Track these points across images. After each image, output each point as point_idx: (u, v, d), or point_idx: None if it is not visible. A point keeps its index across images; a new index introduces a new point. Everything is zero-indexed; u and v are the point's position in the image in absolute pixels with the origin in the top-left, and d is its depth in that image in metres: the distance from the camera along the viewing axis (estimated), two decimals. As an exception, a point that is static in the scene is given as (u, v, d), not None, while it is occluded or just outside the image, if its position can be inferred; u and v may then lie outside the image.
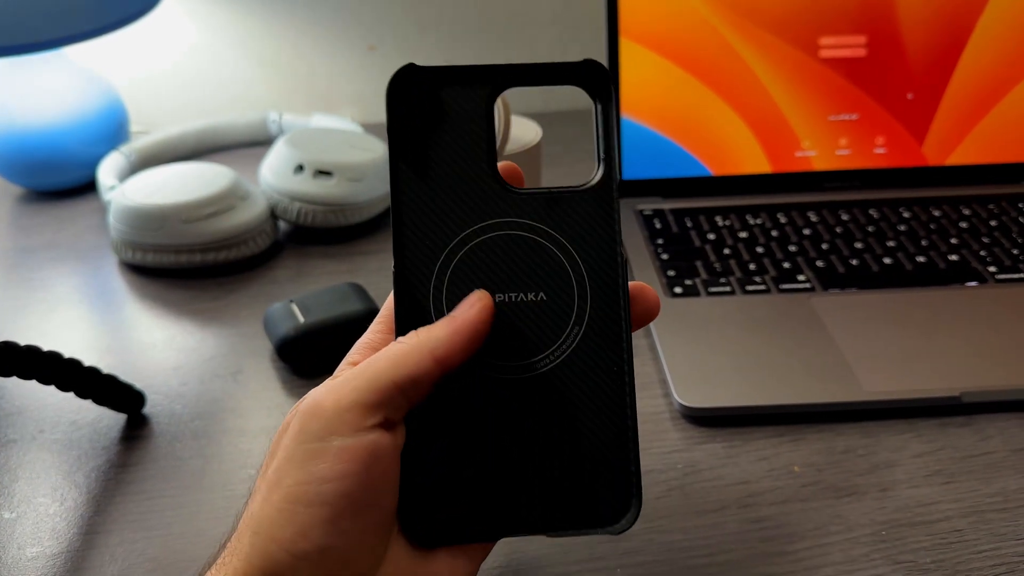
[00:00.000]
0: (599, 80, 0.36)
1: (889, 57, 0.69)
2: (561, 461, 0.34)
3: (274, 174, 0.69)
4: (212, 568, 0.31)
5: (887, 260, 0.62)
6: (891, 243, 0.64)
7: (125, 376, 0.52)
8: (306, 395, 0.32)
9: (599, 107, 0.36)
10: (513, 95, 0.68)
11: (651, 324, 0.56)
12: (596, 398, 0.34)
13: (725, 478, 0.46)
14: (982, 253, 0.62)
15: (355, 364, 0.34)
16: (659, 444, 0.49)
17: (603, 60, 0.67)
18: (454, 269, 0.34)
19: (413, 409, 0.32)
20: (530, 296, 0.34)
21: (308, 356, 0.55)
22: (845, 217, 0.67)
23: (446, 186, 0.34)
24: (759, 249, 0.64)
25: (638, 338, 0.57)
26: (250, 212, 0.67)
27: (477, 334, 0.33)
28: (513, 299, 0.34)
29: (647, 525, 0.43)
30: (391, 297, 0.35)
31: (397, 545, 0.33)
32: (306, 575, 0.29)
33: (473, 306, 0.33)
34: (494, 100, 0.35)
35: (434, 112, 0.35)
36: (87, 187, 0.79)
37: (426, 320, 0.34)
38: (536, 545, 0.43)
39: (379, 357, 0.32)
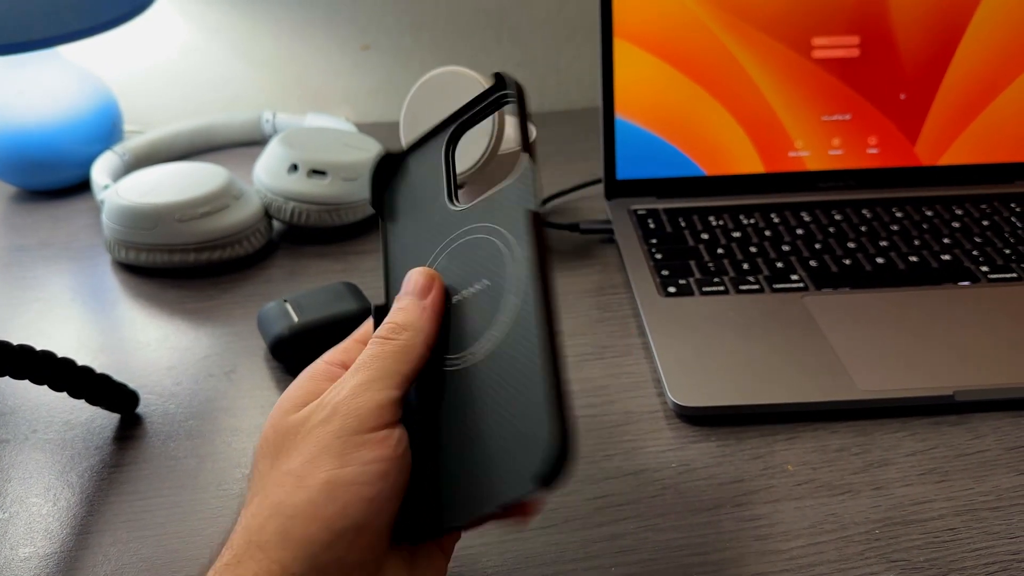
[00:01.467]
0: (510, 84, 0.38)
1: (882, 57, 0.69)
2: (501, 438, 0.33)
3: (268, 173, 0.69)
4: (219, 570, 0.31)
5: (880, 260, 0.62)
6: (884, 243, 0.64)
7: (119, 376, 0.52)
8: (327, 362, 0.36)
9: (517, 110, 0.37)
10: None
11: (645, 323, 0.56)
12: (526, 366, 0.33)
13: (719, 477, 0.46)
14: (974, 253, 0.63)
15: (333, 363, 0.37)
16: (653, 443, 0.49)
17: (597, 61, 0.68)
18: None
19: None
20: (477, 287, 0.36)
21: (302, 355, 0.55)
22: (838, 217, 0.68)
23: (417, 227, 0.40)
24: (752, 248, 0.64)
25: (631, 337, 0.58)
26: (244, 211, 0.67)
27: (441, 309, 0.37)
28: (466, 295, 0.36)
29: (641, 523, 0.44)
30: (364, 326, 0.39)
31: (393, 550, 0.34)
32: (341, 556, 0.30)
33: (430, 287, 0.37)
34: (449, 148, 0.40)
35: (406, 178, 0.42)
36: (81, 186, 0.79)
37: None
38: (531, 544, 0.43)
39: (384, 354, 0.34)
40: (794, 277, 0.60)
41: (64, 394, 0.49)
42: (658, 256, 0.63)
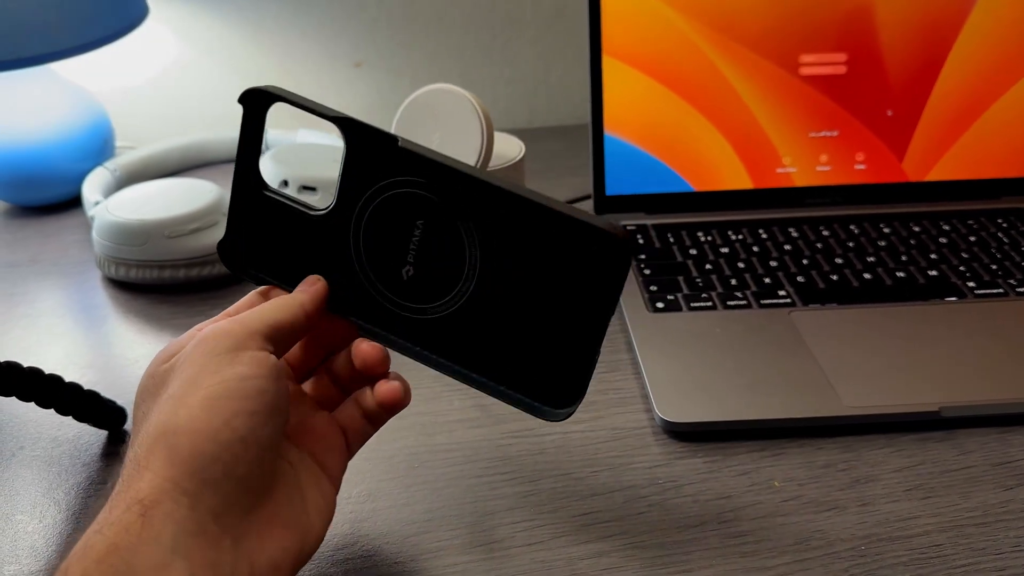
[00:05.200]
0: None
1: (869, 74, 0.70)
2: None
3: (258, 190, 0.69)
4: (108, 509, 0.31)
5: (867, 275, 0.63)
6: (871, 258, 0.65)
7: (107, 392, 0.52)
8: (199, 328, 0.37)
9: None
10: (496, 111, 0.68)
11: (633, 339, 0.56)
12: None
13: (706, 493, 0.46)
14: (961, 268, 0.63)
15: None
16: (640, 459, 0.49)
17: (586, 78, 0.68)
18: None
19: None
20: (416, 234, 0.39)
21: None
22: (825, 233, 0.68)
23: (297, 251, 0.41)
24: (740, 264, 0.64)
25: (619, 353, 0.58)
26: (234, 228, 0.67)
27: (322, 303, 0.39)
28: (412, 258, 0.39)
29: (627, 540, 0.44)
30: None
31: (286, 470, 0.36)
32: (228, 467, 0.32)
33: (315, 283, 0.39)
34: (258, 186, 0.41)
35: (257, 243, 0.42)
36: (71, 202, 0.79)
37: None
38: (517, 561, 0.43)
39: (266, 304, 0.38)
40: (781, 293, 0.61)
41: (52, 411, 0.49)
42: (646, 272, 0.64)
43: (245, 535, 0.33)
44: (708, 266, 0.64)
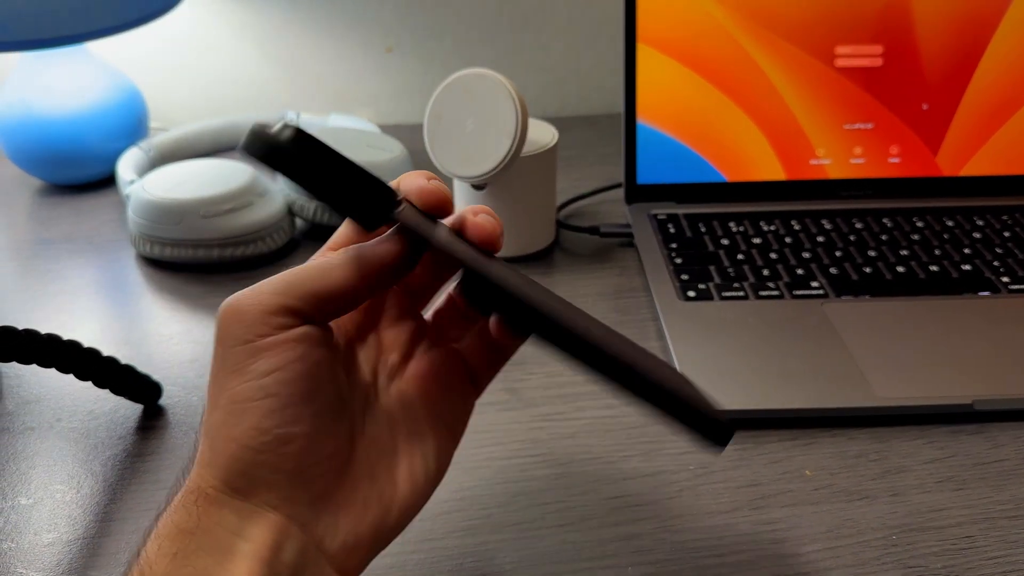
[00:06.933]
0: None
1: (905, 67, 0.69)
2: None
3: (292, 172, 0.70)
4: (177, 496, 0.31)
5: (900, 268, 0.62)
6: (904, 252, 0.64)
7: (142, 367, 0.52)
8: (224, 302, 0.32)
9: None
10: (527, 99, 0.69)
11: (664, 327, 0.56)
12: None
13: (737, 480, 0.47)
14: (995, 263, 0.63)
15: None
16: (671, 445, 0.49)
17: (618, 66, 0.68)
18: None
19: None
20: None
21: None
22: (859, 225, 0.68)
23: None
24: (773, 255, 0.64)
25: (649, 340, 0.58)
26: (268, 209, 0.67)
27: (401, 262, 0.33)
28: None
29: (658, 524, 0.44)
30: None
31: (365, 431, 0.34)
32: (273, 466, 0.30)
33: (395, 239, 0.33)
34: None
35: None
36: (105, 181, 0.80)
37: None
38: (548, 543, 0.43)
39: (306, 266, 0.32)
40: (814, 284, 0.60)
41: (88, 384, 0.50)
42: (678, 260, 0.64)
43: (313, 521, 0.31)
44: (740, 256, 0.64)
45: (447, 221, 0.35)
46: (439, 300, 0.39)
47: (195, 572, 0.29)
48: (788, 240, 0.66)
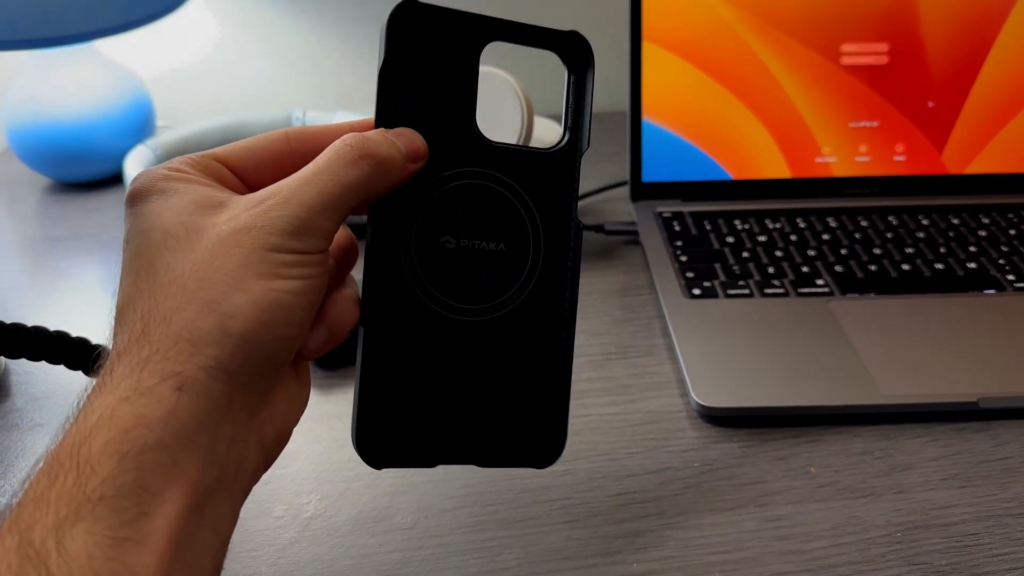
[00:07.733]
0: (579, 53, 0.39)
1: (911, 65, 0.69)
2: (503, 401, 0.37)
3: (298, 169, 0.70)
4: (132, 372, 0.29)
5: (905, 266, 0.62)
6: (910, 249, 0.64)
7: (150, 364, 0.53)
8: (278, 198, 0.32)
9: (572, 78, 0.38)
10: (536, 97, 0.69)
11: (669, 324, 0.57)
12: (539, 348, 0.37)
13: (741, 477, 0.47)
14: (1001, 262, 0.63)
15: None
16: (676, 442, 0.49)
17: (624, 64, 0.68)
18: (428, 207, 0.35)
19: (371, 342, 0.35)
20: (491, 246, 0.36)
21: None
22: (864, 223, 0.68)
23: (428, 126, 0.35)
24: (778, 253, 0.64)
25: (654, 338, 0.58)
26: (274, 206, 0.67)
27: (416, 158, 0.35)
28: (476, 246, 0.36)
29: (663, 521, 0.44)
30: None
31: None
32: (271, 353, 0.31)
33: (419, 157, 0.35)
34: (481, 48, 0.37)
35: (427, 51, 0.36)
36: (112, 179, 0.80)
37: (395, 259, 0.35)
38: (553, 539, 0.43)
39: (339, 177, 0.32)
40: (819, 282, 0.60)
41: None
42: (683, 258, 0.64)
43: (258, 408, 0.32)
44: (745, 254, 0.64)
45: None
46: None
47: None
48: (793, 238, 0.66)
